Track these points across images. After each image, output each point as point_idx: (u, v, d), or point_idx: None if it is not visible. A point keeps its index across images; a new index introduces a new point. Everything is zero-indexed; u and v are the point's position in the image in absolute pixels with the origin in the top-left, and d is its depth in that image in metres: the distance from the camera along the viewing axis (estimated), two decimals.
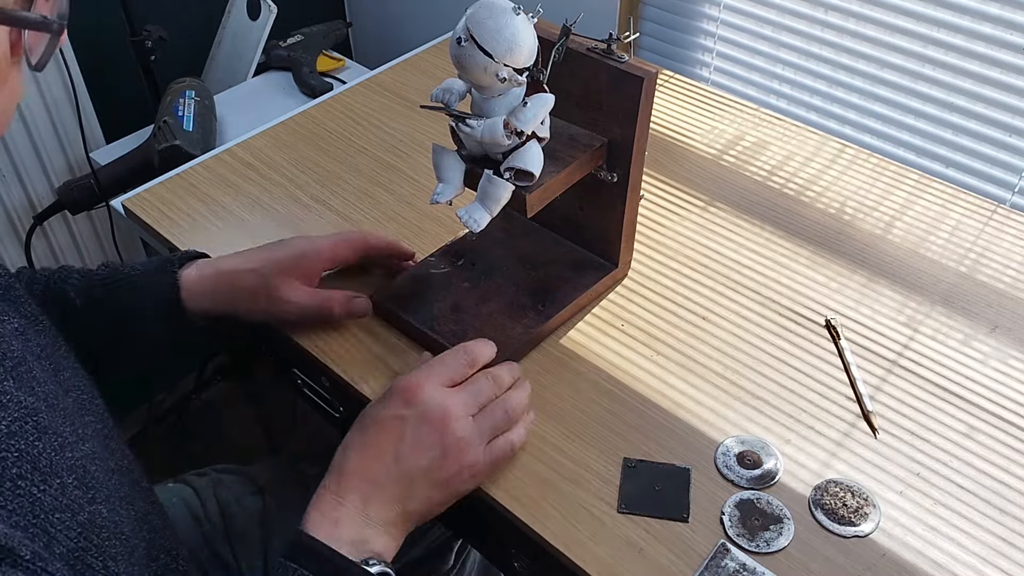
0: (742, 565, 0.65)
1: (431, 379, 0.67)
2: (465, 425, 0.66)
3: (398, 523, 0.64)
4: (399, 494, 0.64)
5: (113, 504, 0.57)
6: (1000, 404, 0.77)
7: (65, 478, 0.52)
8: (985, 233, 0.95)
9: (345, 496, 0.63)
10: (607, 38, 0.74)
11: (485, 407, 0.69)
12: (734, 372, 0.80)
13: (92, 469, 0.56)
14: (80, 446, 0.56)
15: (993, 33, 1.04)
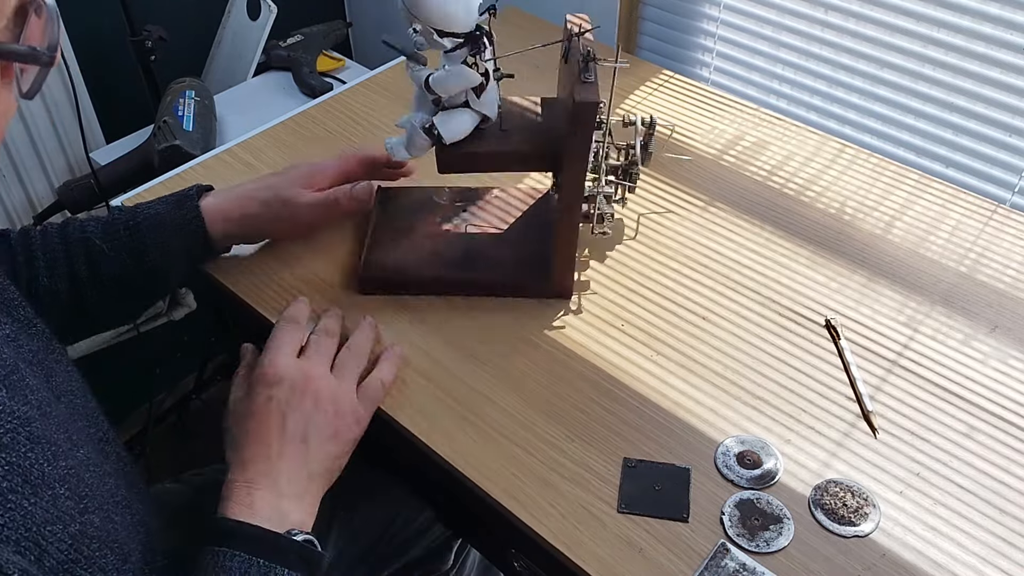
0: (742, 565, 0.65)
1: (279, 355, 0.73)
2: (328, 380, 0.72)
3: (309, 490, 0.68)
4: (299, 462, 0.68)
5: (107, 511, 0.57)
6: (1000, 404, 0.77)
7: (57, 489, 0.52)
8: (985, 233, 0.95)
9: (253, 480, 0.66)
10: (586, 54, 0.75)
11: (335, 359, 0.75)
12: (734, 372, 0.80)
13: (86, 476, 0.56)
14: (74, 453, 0.56)
15: (993, 33, 1.04)
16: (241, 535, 0.62)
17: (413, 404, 0.78)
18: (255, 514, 0.64)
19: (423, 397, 0.78)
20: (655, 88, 1.18)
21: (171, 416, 1.80)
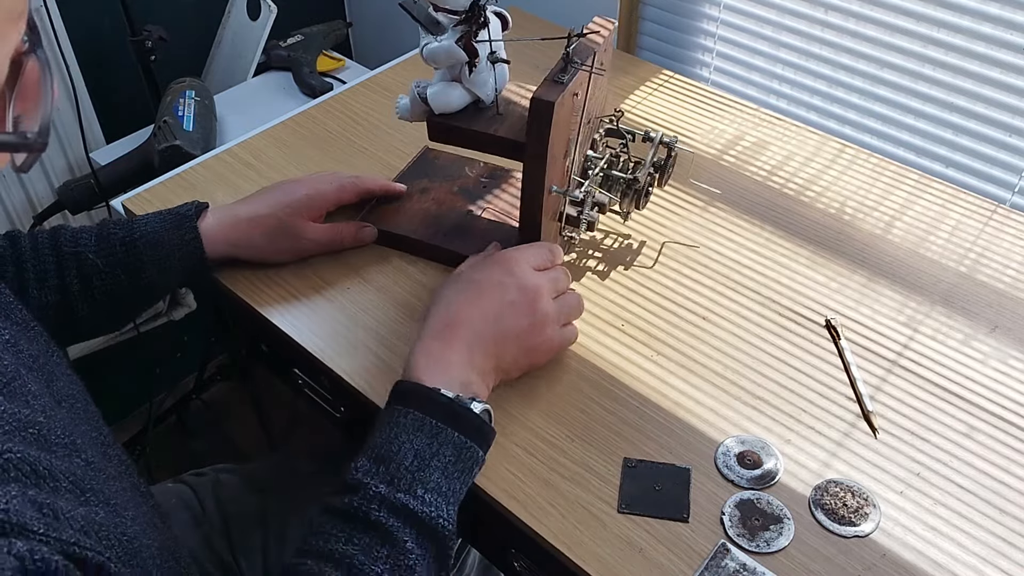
0: (742, 565, 0.65)
1: (524, 258, 0.77)
2: (551, 304, 0.76)
3: (491, 375, 0.73)
4: (496, 350, 0.72)
5: (114, 507, 0.56)
6: (1000, 404, 0.77)
7: (61, 481, 0.52)
8: (985, 233, 0.95)
9: (453, 342, 0.70)
10: (565, 55, 0.77)
11: (562, 294, 0.78)
12: (734, 372, 0.80)
13: (89, 477, 0.55)
14: (74, 458, 0.56)
15: (993, 33, 1.04)
16: (419, 394, 0.66)
17: None
18: (450, 372, 0.68)
19: None
20: (655, 88, 1.18)
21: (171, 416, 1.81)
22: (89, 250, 0.82)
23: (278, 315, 0.86)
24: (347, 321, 0.85)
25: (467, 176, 0.98)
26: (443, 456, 0.64)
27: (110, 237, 0.82)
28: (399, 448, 0.63)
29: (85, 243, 0.82)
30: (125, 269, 0.82)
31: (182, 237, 0.84)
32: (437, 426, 0.64)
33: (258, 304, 0.87)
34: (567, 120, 0.77)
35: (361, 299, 0.87)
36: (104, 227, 0.84)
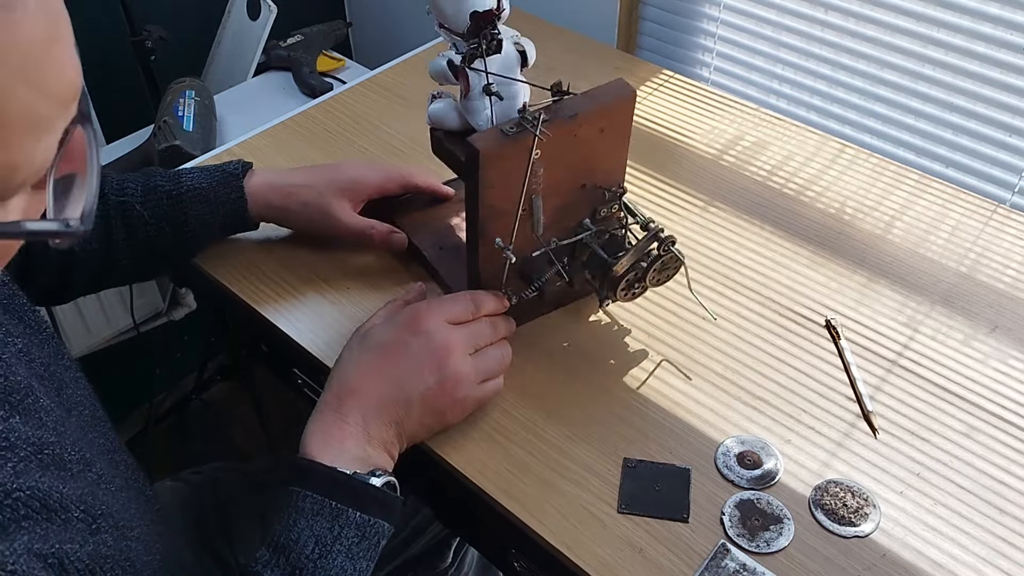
0: (742, 565, 0.65)
1: (437, 312, 0.71)
2: (464, 361, 0.71)
3: (395, 443, 0.68)
4: (398, 416, 0.68)
5: (121, 528, 0.56)
6: (1000, 404, 0.77)
7: (72, 511, 0.52)
8: (985, 233, 0.95)
9: (348, 415, 0.66)
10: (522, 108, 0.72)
11: (481, 349, 0.73)
12: (734, 372, 0.80)
13: (99, 494, 0.56)
14: (87, 473, 0.56)
15: (993, 33, 1.04)
16: (316, 475, 0.63)
17: None
18: (344, 450, 0.65)
19: None
20: (655, 88, 1.18)
21: (171, 416, 1.81)
22: (136, 200, 0.82)
23: (278, 315, 0.86)
24: (347, 321, 0.85)
25: None
26: (346, 539, 0.61)
27: (157, 189, 0.83)
28: (299, 535, 0.60)
29: (131, 192, 0.83)
30: (170, 222, 0.83)
31: (228, 195, 0.84)
32: (337, 508, 0.62)
33: (258, 304, 0.87)
34: (516, 174, 0.71)
35: (361, 299, 0.87)
36: (150, 178, 0.84)
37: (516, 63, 0.75)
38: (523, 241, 0.75)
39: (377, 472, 0.64)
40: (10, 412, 0.53)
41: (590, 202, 0.78)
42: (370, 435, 0.66)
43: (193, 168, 0.87)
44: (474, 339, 0.73)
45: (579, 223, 0.78)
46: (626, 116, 0.75)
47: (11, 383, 0.54)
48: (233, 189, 0.85)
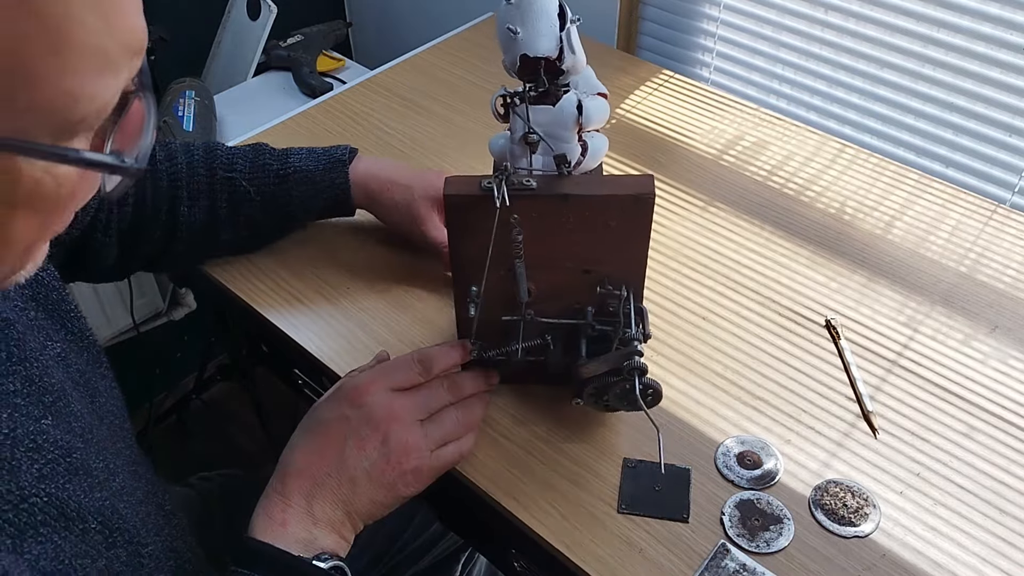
0: (742, 565, 0.65)
1: (379, 381, 0.68)
2: (410, 429, 0.66)
3: (345, 523, 0.65)
4: (343, 495, 0.64)
5: (136, 545, 0.56)
6: (1000, 404, 0.77)
7: (90, 522, 0.52)
8: (985, 233, 0.95)
9: (290, 497, 0.63)
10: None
11: (435, 413, 0.69)
12: (734, 372, 0.80)
13: (120, 507, 0.56)
14: (110, 483, 0.56)
15: (993, 33, 1.04)
16: (265, 557, 0.59)
17: None
18: (285, 532, 0.61)
19: None
20: (655, 88, 1.18)
21: (171, 416, 1.81)
22: (243, 176, 0.84)
23: (278, 315, 0.86)
24: (347, 321, 0.85)
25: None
26: None
27: (265, 168, 0.84)
28: None
29: (240, 169, 0.84)
30: (273, 200, 0.85)
31: (333, 180, 0.85)
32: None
33: (258, 304, 0.87)
34: (485, 231, 0.65)
35: (361, 299, 0.87)
36: (259, 155, 0.85)
37: (572, 120, 0.68)
38: (506, 302, 0.71)
39: (323, 556, 0.61)
40: (43, 413, 0.53)
41: (587, 286, 0.70)
42: (315, 516, 0.63)
43: (301, 149, 0.88)
44: (424, 403, 0.68)
45: (582, 308, 0.71)
46: (642, 217, 0.66)
47: (46, 384, 0.54)
48: (339, 175, 0.86)
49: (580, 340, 0.71)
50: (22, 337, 0.55)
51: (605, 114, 0.71)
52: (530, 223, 0.66)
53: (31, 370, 0.54)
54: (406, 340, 0.83)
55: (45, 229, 0.40)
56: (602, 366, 0.68)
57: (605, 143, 0.74)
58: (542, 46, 0.66)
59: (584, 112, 0.69)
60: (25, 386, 0.53)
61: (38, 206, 0.37)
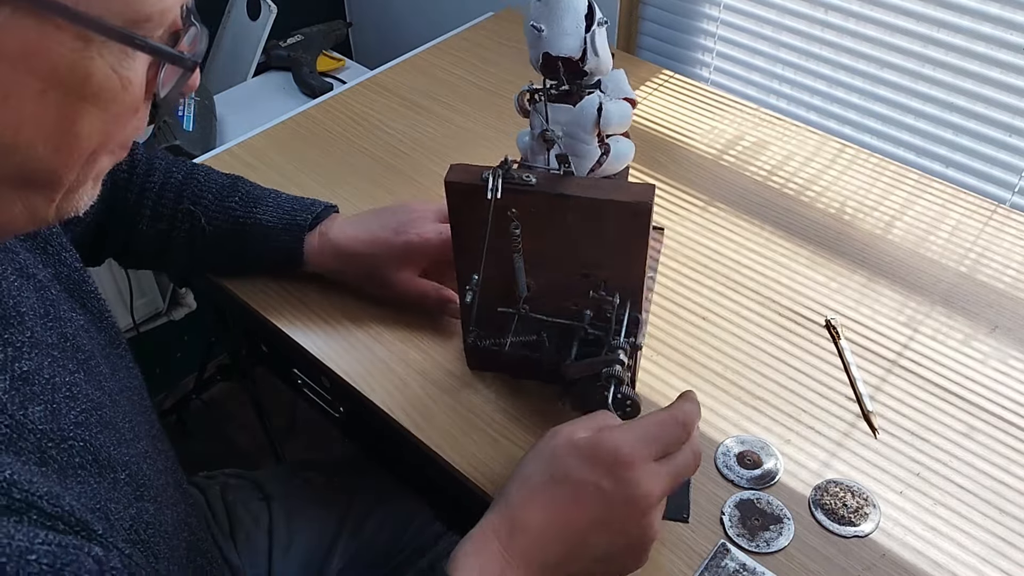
0: (742, 565, 0.65)
1: (647, 453, 0.57)
2: (657, 516, 0.58)
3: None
4: (564, 570, 0.57)
5: (159, 503, 0.58)
6: (1000, 404, 0.77)
7: (119, 473, 0.53)
8: (985, 233, 0.95)
9: (513, 558, 0.55)
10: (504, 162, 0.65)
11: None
12: (734, 372, 0.80)
13: (144, 468, 0.57)
14: (136, 444, 0.58)
15: (993, 33, 1.04)
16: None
17: (414, 405, 0.78)
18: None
19: (424, 398, 0.78)
20: (655, 88, 1.18)
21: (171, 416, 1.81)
22: (205, 213, 0.84)
23: (278, 315, 0.86)
24: (347, 321, 0.85)
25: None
26: None
27: (228, 211, 0.84)
28: None
29: (206, 205, 0.84)
30: (228, 245, 0.85)
31: (287, 244, 0.84)
32: None
33: (258, 305, 0.87)
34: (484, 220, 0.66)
35: (361, 299, 0.87)
36: (230, 195, 0.85)
37: (591, 122, 0.68)
38: (508, 294, 0.71)
39: None
40: (76, 368, 0.55)
41: (582, 288, 0.70)
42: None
43: (278, 196, 0.86)
44: (675, 480, 0.58)
45: (580, 311, 0.71)
46: (638, 226, 0.64)
47: (77, 344, 0.56)
48: (294, 239, 0.84)
49: (573, 341, 0.71)
50: (55, 300, 0.57)
51: (626, 119, 0.70)
52: (529, 219, 0.66)
53: (64, 329, 0.56)
54: (406, 340, 0.83)
55: (107, 137, 0.44)
56: (585, 370, 0.67)
57: (630, 148, 0.73)
58: (565, 45, 0.66)
59: (604, 114, 0.68)
60: (60, 341, 0.55)
61: (104, 104, 0.41)
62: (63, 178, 0.43)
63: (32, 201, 0.44)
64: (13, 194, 0.43)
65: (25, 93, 0.39)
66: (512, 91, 0.84)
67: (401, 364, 0.81)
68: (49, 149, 0.41)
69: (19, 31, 0.37)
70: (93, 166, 0.45)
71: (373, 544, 0.91)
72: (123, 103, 0.42)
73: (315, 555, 0.88)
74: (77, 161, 0.43)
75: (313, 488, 0.95)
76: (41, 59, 0.38)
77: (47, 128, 0.40)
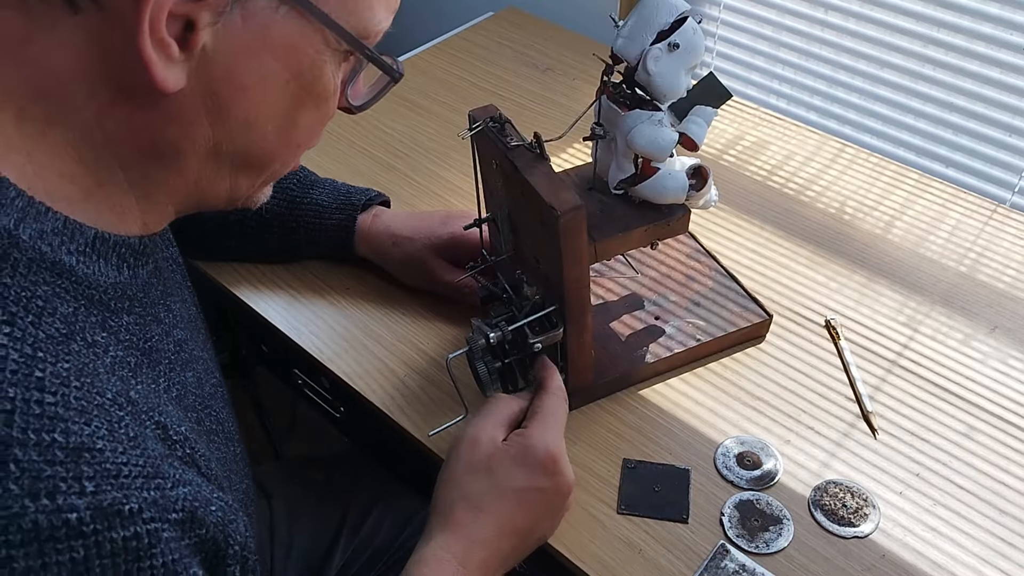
0: (741, 566, 0.65)
1: (561, 440, 0.64)
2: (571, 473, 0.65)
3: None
4: (516, 557, 0.64)
5: (249, 487, 0.61)
6: (1000, 404, 0.77)
7: (237, 447, 0.58)
8: (985, 233, 0.95)
9: (471, 572, 0.60)
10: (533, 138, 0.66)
11: None
12: (734, 372, 0.80)
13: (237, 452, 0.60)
14: (228, 426, 0.60)
15: (993, 33, 1.04)
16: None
17: (413, 406, 0.78)
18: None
19: (424, 398, 0.78)
20: None
21: None
22: None
23: (278, 316, 0.86)
24: (346, 322, 0.85)
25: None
26: None
27: (285, 190, 0.86)
28: None
29: None
30: (281, 223, 0.86)
31: (340, 221, 0.86)
32: None
33: (258, 304, 0.87)
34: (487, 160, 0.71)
35: (361, 300, 0.87)
36: (287, 176, 0.85)
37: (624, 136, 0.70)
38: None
39: None
40: (202, 346, 0.60)
41: (516, 275, 0.72)
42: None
43: (330, 182, 0.88)
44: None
45: (524, 282, 0.71)
46: (553, 232, 0.62)
47: (197, 325, 0.61)
48: (346, 218, 0.86)
49: (501, 314, 0.71)
50: (181, 281, 0.61)
51: (657, 149, 0.69)
52: (509, 181, 0.68)
53: (189, 310, 0.60)
54: (406, 341, 0.83)
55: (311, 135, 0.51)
56: (477, 334, 0.69)
57: (679, 187, 0.72)
58: (621, 47, 0.68)
59: (633, 134, 0.68)
60: (190, 320, 0.59)
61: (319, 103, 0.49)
62: (272, 163, 0.51)
63: (239, 182, 0.50)
64: (227, 172, 0.49)
65: (276, 81, 0.46)
66: (512, 91, 0.85)
67: (401, 364, 0.81)
68: (273, 131, 0.48)
69: (287, 27, 0.44)
70: (291, 161, 0.52)
71: (372, 542, 0.91)
72: (330, 106, 0.50)
73: (315, 553, 0.88)
74: (288, 148, 0.50)
75: (313, 486, 0.95)
76: (295, 54, 0.45)
77: (280, 114, 0.47)
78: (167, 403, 0.47)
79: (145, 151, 0.46)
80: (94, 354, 0.42)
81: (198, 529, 0.41)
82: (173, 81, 0.42)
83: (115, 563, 0.37)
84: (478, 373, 0.69)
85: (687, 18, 0.67)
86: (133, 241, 0.49)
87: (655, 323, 0.82)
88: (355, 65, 0.51)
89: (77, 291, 0.44)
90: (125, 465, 0.39)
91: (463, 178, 1.02)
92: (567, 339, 0.70)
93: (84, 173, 0.45)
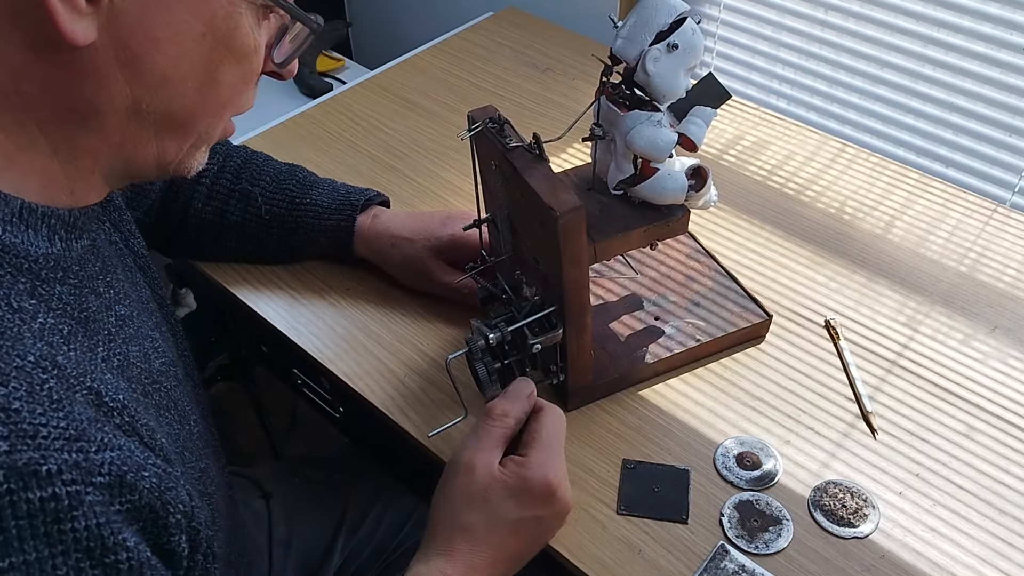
0: (741, 566, 0.65)
1: (560, 465, 0.64)
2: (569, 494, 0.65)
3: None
4: (511, 574, 0.64)
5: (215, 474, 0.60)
6: (1000, 404, 0.77)
7: (193, 427, 0.57)
8: (985, 233, 0.95)
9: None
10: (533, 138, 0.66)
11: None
12: (733, 372, 0.80)
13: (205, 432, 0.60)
14: (194, 414, 0.60)
15: (993, 33, 1.04)
16: None
17: (413, 406, 0.78)
18: None
19: (424, 398, 0.78)
20: None
21: None
22: (263, 193, 0.85)
23: (278, 316, 0.86)
24: (346, 322, 0.85)
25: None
26: None
27: (284, 191, 0.86)
28: None
29: (263, 186, 0.86)
30: (281, 226, 0.86)
31: (339, 222, 0.86)
32: None
33: (258, 305, 0.87)
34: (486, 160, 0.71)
35: (361, 301, 0.87)
36: (288, 178, 0.87)
37: (623, 136, 0.69)
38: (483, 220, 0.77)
39: None
40: (154, 326, 0.59)
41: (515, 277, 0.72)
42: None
43: (329, 183, 0.88)
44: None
45: (523, 282, 0.72)
46: (552, 233, 0.62)
47: (150, 308, 0.60)
48: (345, 218, 0.85)
49: (500, 314, 0.72)
50: (132, 267, 0.61)
51: (653, 150, 0.69)
52: (509, 183, 0.67)
53: (141, 292, 0.60)
54: (406, 342, 0.83)
55: (235, 93, 0.51)
56: (476, 334, 0.69)
57: (679, 188, 0.72)
58: (621, 47, 0.68)
59: (632, 135, 0.68)
60: (140, 300, 0.58)
61: (240, 59, 0.49)
62: (197, 123, 0.50)
63: (165, 145, 0.50)
64: (152, 134, 0.48)
65: (189, 33, 0.46)
66: (512, 91, 0.85)
67: (401, 365, 0.81)
68: (194, 88, 0.48)
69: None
70: (218, 123, 0.52)
71: (371, 541, 0.91)
72: (253, 63, 0.50)
73: (314, 552, 0.88)
74: (211, 107, 0.50)
75: (312, 486, 0.95)
76: (207, 5, 0.46)
77: (197, 68, 0.47)
78: (105, 372, 0.47)
79: (64, 112, 0.45)
80: (20, 319, 0.42)
81: (129, 495, 0.41)
82: (82, 34, 0.42)
83: (32, 524, 0.37)
84: (477, 374, 0.70)
85: (686, 18, 0.67)
86: (63, 213, 0.49)
87: (655, 323, 0.82)
88: (279, 26, 0.51)
89: (3, 259, 0.44)
90: (44, 427, 0.39)
91: (463, 178, 1.02)
92: (567, 340, 0.70)
93: (3, 139, 0.45)
